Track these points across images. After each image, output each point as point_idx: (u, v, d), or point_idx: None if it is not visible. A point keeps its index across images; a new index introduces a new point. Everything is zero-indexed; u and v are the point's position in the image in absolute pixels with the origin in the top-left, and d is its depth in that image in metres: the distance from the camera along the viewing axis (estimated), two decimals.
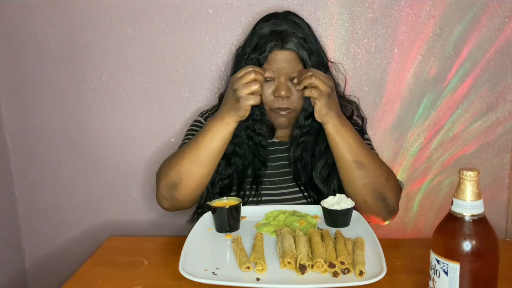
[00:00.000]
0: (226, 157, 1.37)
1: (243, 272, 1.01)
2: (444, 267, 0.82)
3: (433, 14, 1.60)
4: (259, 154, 1.41)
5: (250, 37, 1.38)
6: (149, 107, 1.73)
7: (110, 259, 1.15)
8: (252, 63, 1.32)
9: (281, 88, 1.32)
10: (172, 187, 1.26)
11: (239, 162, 1.39)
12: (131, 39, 1.67)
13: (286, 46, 1.31)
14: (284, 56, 1.31)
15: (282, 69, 1.32)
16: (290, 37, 1.32)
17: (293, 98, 1.34)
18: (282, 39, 1.31)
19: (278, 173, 1.42)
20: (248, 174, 1.40)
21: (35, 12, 1.68)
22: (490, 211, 0.83)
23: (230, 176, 1.39)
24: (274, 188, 1.40)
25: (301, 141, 1.40)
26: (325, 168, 1.38)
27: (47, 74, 1.73)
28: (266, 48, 1.31)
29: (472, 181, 0.80)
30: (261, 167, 1.40)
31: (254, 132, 1.40)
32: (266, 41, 1.32)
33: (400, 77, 1.66)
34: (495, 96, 1.66)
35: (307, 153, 1.40)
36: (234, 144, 1.38)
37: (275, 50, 1.31)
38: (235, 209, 1.21)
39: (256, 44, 1.34)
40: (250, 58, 1.34)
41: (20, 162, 1.82)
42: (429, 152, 1.72)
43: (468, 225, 0.80)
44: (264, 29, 1.35)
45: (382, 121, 1.70)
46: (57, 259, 1.88)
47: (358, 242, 1.08)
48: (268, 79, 1.33)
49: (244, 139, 1.40)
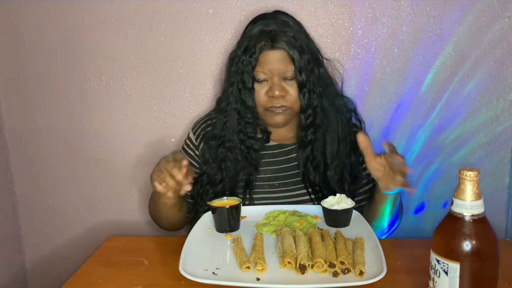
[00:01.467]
0: (217, 162, 1.39)
1: (243, 272, 1.01)
2: (444, 267, 0.82)
3: (433, 14, 1.60)
4: (251, 158, 1.40)
5: (241, 40, 1.38)
6: (149, 107, 1.73)
7: (110, 259, 1.15)
8: (243, 66, 1.32)
9: (275, 88, 1.31)
10: (154, 221, 1.45)
11: (231, 167, 1.39)
12: (131, 39, 1.67)
13: (276, 46, 1.30)
14: (274, 56, 1.31)
15: (274, 69, 1.31)
16: (279, 36, 1.31)
17: (288, 97, 1.33)
18: (271, 39, 1.30)
19: (278, 176, 1.41)
20: (239, 179, 1.39)
21: (35, 12, 1.67)
22: (490, 211, 0.83)
23: (221, 181, 1.39)
24: (273, 192, 1.39)
25: (308, 141, 1.39)
26: (338, 168, 1.39)
27: (47, 74, 1.73)
28: (255, 49, 1.30)
29: (472, 181, 0.80)
30: (252, 171, 1.39)
31: (246, 136, 1.39)
32: (255, 42, 1.31)
33: (400, 77, 1.66)
34: (495, 96, 1.66)
35: (318, 152, 1.39)
36: (226, 149, 1.39)
37: (265, 51, 1.31)
38: (235, 209, 1.21)
39: (246, 46, 1.33)
40: (240, 60, 1.33)
41: (20, 162, 1.82)
42: (429, 152, 1.71)
43: (468, 225, 0.80)
44: (253, 30, 1.34)
45: (382, 121, 1.69)
46: (57, 259, 1.87)
47: (358, 242, 1.08)
48: (261, 80, 1.33)
49: (237, 144, 1.39)
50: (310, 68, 1.33)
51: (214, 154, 1.40)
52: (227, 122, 1.40)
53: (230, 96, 1.38)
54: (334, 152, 1.39)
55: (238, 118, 1.38)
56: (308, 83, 1.33)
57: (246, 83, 1.34)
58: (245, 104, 1.36)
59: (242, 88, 1.35)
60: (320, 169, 1.39)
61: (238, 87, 1.36)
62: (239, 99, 1.37)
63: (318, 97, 1.36)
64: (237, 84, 1.36)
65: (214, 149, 1.40)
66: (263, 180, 1.40)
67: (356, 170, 1.42)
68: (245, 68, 1.32)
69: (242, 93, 1.35)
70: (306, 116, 1.37)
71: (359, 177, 1.42)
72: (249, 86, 1.34)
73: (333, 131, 1.39)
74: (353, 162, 1.42)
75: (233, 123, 1.39)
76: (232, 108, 1.38)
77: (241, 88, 1.35)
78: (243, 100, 1.36)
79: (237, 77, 1.35)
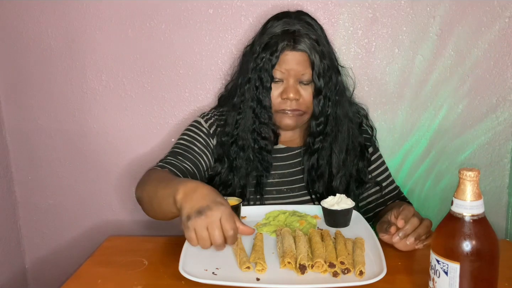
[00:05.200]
0: (229, 162, 1.36)
1: (243, 272, 1.00)
2: (444, 267, 0.82)
3: (433, 14, 1.60)
4: (263, 159, 1.36)
5: (260, 35, 1.34)
6: (149, 107, 1.73)
7: (110, 259, 1.15)
8: (262, 63, 1.28)
9: (290, 90, 1.29)
10: (137, 201, 1.24)
11: (242, 167, 1.35)
12: (131, 39, 1.67)
13: (298, 47, 1.27)
14: (295, 57, 1.27)
15: (292, 70, 1.28)
16: (302, 38, 1.28)
17: (301, 101, 1.31)
18: (294, 40, 1.27)
19: (286, 181, 1.39)
20: (250, 181, 1.36)
21: (35, 12, 1.67)
22: (490, 211, 0.83)
23: (233, 182, 1.35)
24: (281, 198, 1.37)
25: (316, 148, 1.36)
26: (344, 178, 1.37)
27: (47, 74, 1.73)
28: (277, 47, 1.27)
29: (472, 181, 0.80)
30: (264, 172, 1.36)
31: (260, 136, 1.35)
32: (277, 41, 1.28)
33: (400, 77, 1.66)
34: (495, 96, 1.66)
35: (323, 161, 1.37)
36: (239, 148, 1.35)
37: (286, 51, 1.27)
38: (235, 209, 1.20)
39: (266, 43, 1.29)
40: (259, 57, 1.29)
41: (20, 162, 1.82)
42: (429, 152, 1.72)
43: (468, 225, 0.80)
44: (276, 28, 1.30)
45: (382, 121, 1.69)
46: (57, 259, 1.88)
47: (358, 242, 1.08)
48: (277, 79, 1.30)
49: (250, 142, 1.35)
50: (328, 75, 1.31)
51: (227, 152, 1.36)
52: (241, 120, 1.35)
53: (246, 93, 1.34)
54: (341, 162, 1.36)
55: (253, 117, 1.34)
56: (325, 89, 1.30)
57: (265, 82, 1.29)
58: (261, 103, 1.32)
59: (259, 86, 1.30)
60: (325, 179, 1.37)
61: (255, 85, 1.31)
62: (255, 97, 1.32)
63: (333, 105, 1.34)
64: (255, 82, 1.31)
65: (227, 147, 1.36)
66: (271, 185, 1.38)
67: (362, 175, 1.41)
68: (264, 65, 1.28)
69: (259, 91, 1.31)
70: (317, 123, 1.34)
71: (364, 182, 1.41)
72: (268, 86, 1.29)
73: (342, 141, 1.37)
74: (360, 168, 1.40)
75: (248, 121, 1.34)
76: (248, 106, 1.34)
77: (258, 86, 1.30)
78: (259, 99, 1.31)
79: (255, 74, 1.31)
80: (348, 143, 1.38)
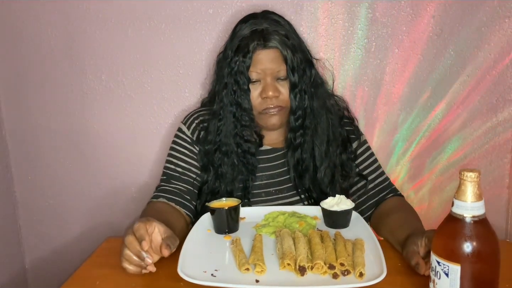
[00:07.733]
0: (214, 169, 1.36)
1: (242, 274, 1.00)
2: (444, 269, 0.81)
3: (433, 14, 1.60)
4: (247, 162, 1.36)
5: (231, 40, 1.34)
6: (149, 107, 1.72)
7: (108, 260, 1.14)
8: (236, 66, 1.29)
9: (268, 89, 1.29)
10: None
11: (228, 172, 1.36)
12: (131, 39, 1.67)
13: (268, 45, 1.28)
14: (267, 55, 1.28)
15: (267, 69, 1.29)
16: (272, 35, 1.28)
17: (282, 97, 1.31)
18: (264, 38, 1.28)
19: (274, 182, 1.39)
20: (237, 186, 1.37)
21: (35, 12, 1.67)
22: (490, 212, 0.83)
23: (219, 191, 1.36)
24: (270, 200, 1.38)
25: (298, 143, 1.37)
26: (329, 170, 1.37)
27: (47, 74, 1.73)
28: (249, 48, 1.27)
29: (473, 182, 0.79)
30: (250, 176, 1.36)
31: (242, 139, 1.36)
32: (248, 42, 1.28)
33: (400, 77, 1.66)
34: (495, 96, 1.65)
35: (307, 155, 1.37)
36: (222, 154, 1.36)
37: (258, 50, 1.28)
38: (234, 210, 1.20)
39: (238, 46, 1.30)
40: (233, 61, 1.30)
41: (20, 162, 1.82)
42: (429, 152, 1.71)
43: (469, 226, 0.80)
44: (244, 30, 1.31)
45: (382, 121, 1.69)
46: (57, 259, 1.88)
47: (358, 243, 1.08)
48: (254, 80, 1.31)
49: (233, 148, 1.36)
50: (302, 68, 1.32)
51: (211, 160, 1.37)
52: (222, 126, 1.36)
53: (224, 98, 1.34)
54: (323, 153, 1.37)
55: (234, 121, 1.34)
56: (300, 83, 1.31)
57: (241, 84, 1.30)
58: (241, 106, 1.32)
59: (237, 90, 1.31)
60: (310, 172, 1.37)
61: (233, 89, 1.32)
62: (234, 102, 1.33)
63: (309, 98, 1.34)
64: (232, 86, 1.32)
65: (211, 155, 1.37)
66: (260, 187, 1.38)
67: (347, 167, 1.40)
68: (239, 68, 1.29)
69: (238, 95, 1.31)
70: (296, 118, 1.35)
71: (350, 175, 1.41)
72: (245, 88, 1.30)
73: (322, 133, 1.37)
74: (344, 160, 1.40)
75: (229, 126, 1.35)
76: (228, 111, 1.34)
77: (236, 89, 1.31)
78: (238, 102, 1.32)
79: (231, 78, 1.31)
80: (328, 134, 1.38)
